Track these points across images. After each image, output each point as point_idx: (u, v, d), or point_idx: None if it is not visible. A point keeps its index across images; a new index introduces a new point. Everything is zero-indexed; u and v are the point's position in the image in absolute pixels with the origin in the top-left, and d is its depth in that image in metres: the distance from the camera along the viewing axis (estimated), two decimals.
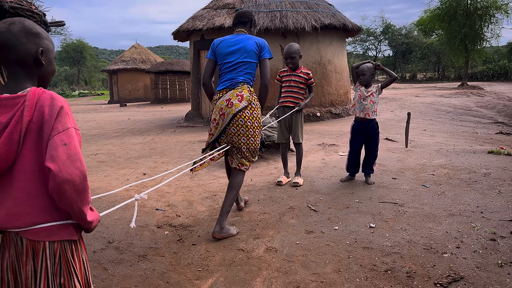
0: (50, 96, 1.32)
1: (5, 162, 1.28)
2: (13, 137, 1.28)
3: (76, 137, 1.33)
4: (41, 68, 1.42)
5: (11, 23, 1.36)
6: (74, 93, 43.36)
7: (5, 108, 1.30)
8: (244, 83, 3.28)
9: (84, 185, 1.30)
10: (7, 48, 1.35)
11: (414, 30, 39.69)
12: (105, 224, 3.69)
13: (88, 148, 8.18)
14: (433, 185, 4.34)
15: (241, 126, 3.21)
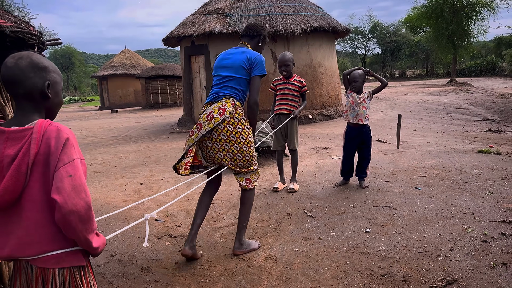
0: (57, 128, 1.36)
1: (13, 194, 1.33)
2: (20, 169, 1.32)
3: (82, 167, 1.37)
4: (48, 101, 1.47)
5: (19, 58, 1.40)
6: (64, 100, 43.04)
7: (13, 140, 1.35)
8: (229, 97, 3.10)
9: (89, 215, 1.35)
10: (15, 83, 1.40)
11: (402, 27, 40.08)
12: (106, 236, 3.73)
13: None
14: (426, 187, 4.45)
15: (224, 141, 3.00)
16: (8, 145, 1.34)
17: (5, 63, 1.40)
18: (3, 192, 1.31)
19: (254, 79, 3.12)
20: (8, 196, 1.32)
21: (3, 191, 1.31)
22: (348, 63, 55.41)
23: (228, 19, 10.56)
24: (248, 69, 3.11)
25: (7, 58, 1.41)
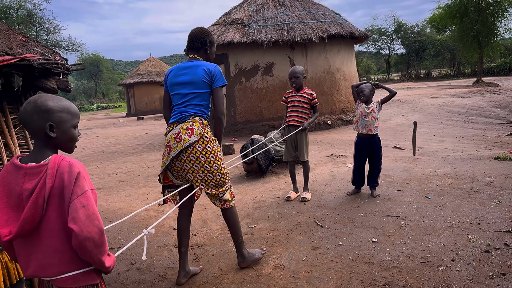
0: (69, 163, 1.53)
1: (32, 224, 1.50)
2: (38, 202, 1.49)
3: (93, 196, 1.55)
4: (54, 139, 1.61)
5: (27, 103, 1.59)
6: (92, 107, 44.41)
7: (31, 176, 1.53)
8: (196, 116, 3.01)
9: (102, 240, 1.53)
10: (24, 125, 1.61)
11: (426, 27, 39.42)
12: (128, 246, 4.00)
13: (109, 166, 8.58)
14: (436, 196, 4.53)
15: (194, 162, 2.93)
16: (26, 180, 1.52)
17: (21, 107, 1.63)
18: (23, 222, 1.48)
19: (217, 90, 3.06)
20: (28, 226, 1.50)
21: (23, 222, 1.48)
22: (373, 64, 54.90)
23: (247, 28, 10.80)
24: (209, 81, 3.04)
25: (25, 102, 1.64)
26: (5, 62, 2.50)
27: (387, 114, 12.89)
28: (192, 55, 3.17)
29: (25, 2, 29.17)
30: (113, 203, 5.57)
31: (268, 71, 10.97)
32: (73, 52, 33.46)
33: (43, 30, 31.20)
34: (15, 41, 2.99)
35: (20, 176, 1.54)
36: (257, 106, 11.12)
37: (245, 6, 11.90)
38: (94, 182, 7.08)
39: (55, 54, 3.23)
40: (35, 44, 3.20)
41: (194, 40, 3.15)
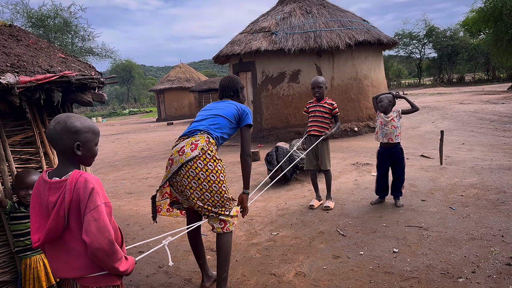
0: (85, 179, 1.69)
1: (56, 232, 1.70)
2: (59, 213, 1.68)
3: (106, 210, 1.70)
4: (80, 157, 1.80)
5: (57, 123, 1.75)
6: (124, 112, 45.65)
7: (54, 190, 1.72)
8: (204, 132, 2.97)
9: (113, 249, 1.68)
10: (53, 143, 1.77)
11: (459, 31, 38.49)
12: (156, 250, 4.18)
13: (140, 171, 8.88)
14: (460, 207, 4.50)
15: (193, 178, 2.82)
16: (51, 193, 1.72)
17: (49, 125, 1.79)
18: (48, 231, 1.68)
19: (244, 129, 3.10)
20: (52, 234, 1.70)
21: (48, 230, 1.68)
22: (403, 68, 53.95)
23: (274, 36, 10.94)
24: (237, 117, 3.10)
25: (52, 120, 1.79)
26: (46, 80, 2.72)
27: (416, 121, 12.73)
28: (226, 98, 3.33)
29: (62, 11, 30.44)
30: (143, 208, 5.80)
31: (295, 78, 11.07)
32: (107, 58, 34.61)
33: (78, 38, 32.43)
34: (55, 58, 3.22)
35: (46, 189, 1.73)
36: (283, 112, 11.22)
37: (273, 15, 12.06)
38: (126, 186, 7.37)
39: (91, 68, 3.46)
40: (73, 60, 3.43)
41: (226, 89, 3.32)
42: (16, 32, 3.32)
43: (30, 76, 2.66)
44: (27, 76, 2.62)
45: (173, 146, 3.03)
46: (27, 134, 3.14)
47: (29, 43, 3.22)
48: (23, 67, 2.70)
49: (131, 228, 4.88)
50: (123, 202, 6.24)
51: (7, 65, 2.62)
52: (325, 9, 11.88)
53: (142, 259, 3.94)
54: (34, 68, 2.77)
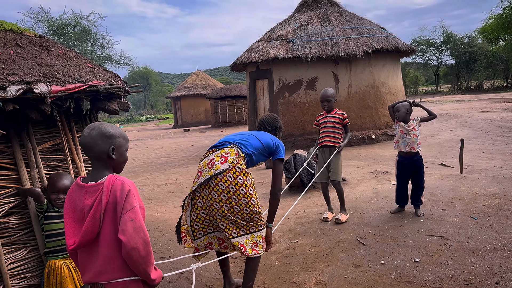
0: (121, 182, 1.75)
1: (92, 234, 1.74)
2: (96, 215, 1.72)
3: (141, 212, 1.75)
4: (114, 161, 1.87)
5: (92, 129, 1.83)
6: (141, 118, 46.21)
7: (90, 193, 1.77)
8: (234, 146, 2.98)
9: (147, 250, 1.71)
10: (88, 148, 1.83)
11: (477, 37, 37.99)
12: (177, 256, 4.24)
13: (158, 177, 8.99)
14: (482, 216, 4.45)
15: (222, 191, 2.80)
16: (87, 197, 1.77)
17: (83, 132, 1.84)
18: (84, 233, 1.72)
19: (277, 163, 3.10)
20: (88, 236, 1.74)
21: (84, 233, 1.72)
22: (420, 75, 53.41)
23: (291, 44, 11.00)
24: (271, 147, 3.11)
25: (85, 128, 1.87)
26: (77, 89, 2.81)
27: (434, 129, 12.60)
28: None
29: (82, 19, 31.13)
30: (162, 214, 5.87)
31: (312, 86, 11.09)
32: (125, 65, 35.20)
33: (97, 45, 33.10)
34: (83, 68, 3.33)
35: (82, 193, 1.79)
36: (299, 120, 11.24)
37: (290, 23, 12.13)
38: (145, 192, 7.48)
39: (116, 78, 3.55)
40: (100, 70, 3.54)
41: (265, 124, 3.39)
42: (46, 42, 3.44)
43: (61, 85, 2.75)
44: (58, 86, 2.72)
45: (201, 158, 3.04)
46: (56, 142, 3.24)
47: (59, 54, 3.33)
48: (55, 77, 2.80)
49: (152, 234, 4.95)
50: None
51: (40, 75, 2.72)
52: (342, 17, 11.90)
53: (164, 264, 4.02)
54: (64, 78, 2.86)
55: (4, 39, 3.00)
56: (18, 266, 2.87)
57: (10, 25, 3.32)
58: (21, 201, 2.91)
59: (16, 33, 3.25)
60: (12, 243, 2.86)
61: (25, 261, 2.91)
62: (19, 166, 2.88)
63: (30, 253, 2.93)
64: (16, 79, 2.49)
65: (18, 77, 2.52)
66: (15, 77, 2.50)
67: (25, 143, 2.95)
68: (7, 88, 2.38)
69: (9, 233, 2.85)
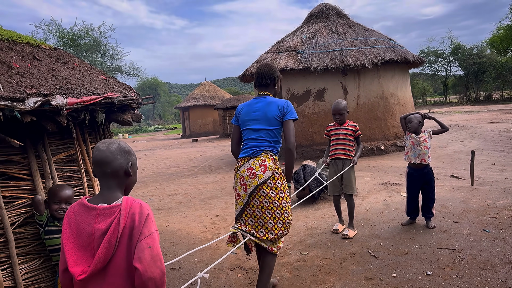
0: (140, 205, 1.63)
1: (104, 262, 1.56)
2: (111, 241, 1.55)
3: (157, 238, 1.61)
4: (129, 178, 1.76)
5: (110, 143, 1.74)
6: (150, 128, 46.52)
7: (104, 216, 1.60)
8: (267, 151, 3.12)
9: (163, 281, 1.56)
10: (106, 163, 1.70)
11: (486, 48, 37.91)
12: (187, 267, 4.25)
13: (167, 188, 9.03)
14: (494, 229, 4.41)
15: (264, 197, 2.99)
16: (99, 220, 1.59)
17: (98, 147, 1.72)
18: (96, 262, 1.54)
19: (288, 122, 3.11)
20: (100, 265, 1.55)
21: (97, 261, 1.54)
22: (429, 86, 53.27)
23: (300, 55, 11.07)
24: (280, 118, 3.15)
25: (98, 143, 1.77)
26: (92, 101, 2.86)
27: (444, 140, 12.53)
28: (262, 92, 3.34)
29: (92, 31, 31.63)
30: (172, 224, 5.89)
31: (320, 97, 11.12)
32: (134, 76, 35.59)
33: (107, 57, 33.56)
34: (98, 80, 3.39)
35: (92, 216, 1.61)
36: (308, 130, 11.26)
37: (298, 34, 12.21)
38: (154, 203, 7.51)
39: (130, 90, 3.61)
40: (113, 82, 3.60)
41: (263, 77, 3.31)
42: (61, 55, 3.51)
43: (77, 97, 2.80)
44: (74, 98, 2.77)
45: (237, 167, 3.15)
46: (70, 153, 3.29)
47: (74, 66, 3.40)
48: (71, 89, 2.85)
49: (162, 245, 4.96)
50: None
51: (57, 87, 2.77)
52: (350, 28, 11.96)
53: (174, 275, 4.03)
54: (80, 90, 2.92)
55: (22, 52, 3.07)
56: (32, 276, 2.90)
57: (27, 38, 3.40)
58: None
59: (33, 46, 3.33)
60: (26, 253, 2.89)
61: (39, 271, 2.94)
62: (34, 177, 2.93)
63: (44, 263, 2.96)
64: (34, 91, 2.54)
65: (35, 90, 2.57)
66: (33, 90, 2.56)
67: (41, 154, 2.99)
68: (25, 100, 2.43)
69: (24, 243, 2.88)
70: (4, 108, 2.32)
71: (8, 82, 2.52)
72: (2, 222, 2.73)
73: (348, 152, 4.74)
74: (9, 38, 3.14)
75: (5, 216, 2.73)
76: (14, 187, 2.85)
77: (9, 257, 2.76)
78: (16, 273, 2.76)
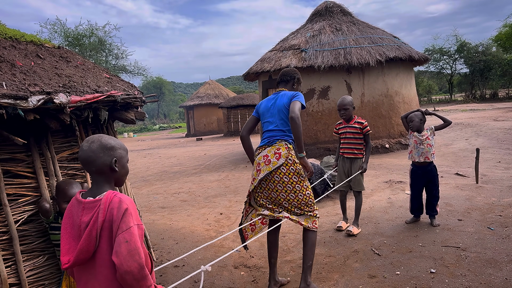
0: (119, 199, 1.64)
1: (87, 253, 1.62)
2: (92, 233, 1.60)
3: (138, 232, 1.62)
4: (116, 173, 1.78)
5: (91, 142, 1.73)
6: (155, 127, 46.64)
7: (88, 210, 1.66)
8: (282, 141, 3.34)
9: (142, 274, 1.58)
10: (89, 163, 1.72)
11: (492, 46, 37.64)
12: (191, 264, 4.26)
13: (172, 186, 9.05)
14: (499, 227, 4.38)
15: (278, 182, 3.25)
16: (84, 213, 1.66)
17: (82, 146, 1.75)
18: (78, 252, 1.61)
19: (293, 102, 3.26)
20: (83, 255, 1.62)
21: (79, 251, 1.61)
22: (434, 84, 53.01)
23: (304, 54, 11.04)
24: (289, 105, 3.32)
25: (83, 142, 1.79)
26: (95, 99, 2.87)
27: (449, 138, 12.47)
28: (281, 88, 3.61)
29: (97, 30, 31.73)
30: (176, 222, 5.90)
31: (324, 95, 11.10)
32: (139, 76, 35.67)
33: (112, 56, 33.66)
34: (101, 78, 3.40)
35: (80, 209, 1.68)
36: (312, 129, 11.24)
37: (302, 32, 12.19)
38: (159, 201, 7.53)
39: (133, 88, 3.62)
40: (117, 80, 3.61)
41: (285, 74, 3.63)
42: (65, 53, 3.53)
43: (80, 95, 2.82)
44: (77, 96, 2.78)
45: (255, 155, 3.45)
46: (74, 151, 3.30)
47: (77, 64, 3.41)
48: (74, 87, 2.86)
49: (166, 243, 4.98)
50: (157, 216, 6.37)
51: (60, 85, 2.79)
52: (355, 26, 11.92)
53: (178, 273, 4.04)
54: (83, 88, 2.93)
55: (25, 51, 3.08)
56: (36, 273, 2.91)
57: (31, 36, 3.41)
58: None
59: (36, 45, 3.34)
60: (30, 251, 2.91)
61: (43, 269, 2.96)
62: (38, 174, 2.95)
63: (48, 260, 2.98)
64: (37, 89, 2.55)
65: (39, 88, 2.58)
66: (36, 88, 2.57)
67: (44, 152, 3.01)
68: (28, 98, 2.44)
69: (28, 241, 2.90)
70: (7, 106, 2.34)
71: (12, 80, 2.54)
72: (6, 219, 2.75)
73: (356, 151, 4.73)
74: (12, 37, 3.16)
75: (9, 214, 2.75)
76: (18, 185, 2.87)
77: (13, 254, 2.78)
78: (20, 270, 2.78)
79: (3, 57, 2.79)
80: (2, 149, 2.79)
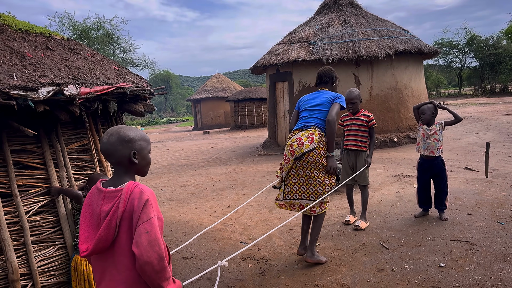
0: (140, 190, 1.64)
1: (106, 242, 1.62)
2: (111, 223, 1.60)
3: (158, 223, 1.62)
4: (136, 165, 1.77)
5: (110, 135, 1.73)
6: (162, 120, 46.76)
7: (108, 199, 1.66)
8: (316, 127, 3.68)
9: (162, 265, 1.58)
10: (108, 155, 1.74)
11: (502, 39, 37.10)
12: (199, 256, 4.28)
13: (179, 179, 9.08)
14: (509, 222, 4.34)
15: (310, 163, 3.61)
16: (104, 202, 1.66)
17: (102, 139, 1.76)
18: (97, 241, 1.61)
19: (334, 104, 3.71)
20: (102, 244, 1.62)
21: (98, 240, 1.61)
22: (443, 77, 52.44)
23: (312, 47, 10.97)
24: (331, 103, 3.75)
25: (104, 134, 1.81)
26: (104, 91, 2.88)
27: (458, 132, 12.36)
28: (321, 88, 3.99)
29: (105, 23, 31.78)
30: (184, 215, 5.93)
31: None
32: (146, 69, 35.73)
33: (120, 49, 33.72)
34: (110, 70, 3.40)
35: (100, 198, 1.68)
36: None
37: (311, 25, 12.10)
38: (167, 194, 7.56)
39: (142, 80, 3.62)
40: (126, 72, 3.61)
41: (323, 76, 4.00)
42: (74, 45, 3.53)
43: (90, 87, 2.82)
44: (87, 88, 2.78)
45: (289, 137, 3.80)
46: (83, 142, 3.32)
47: (86, 56, 3.41)
48: (83, 79, 2.87)
49: (174, 235, 5.00)
50: (165, 208, 6.40)
51: (69, 77, 2.79)
52: (364, 18, 11.81)
53: (186, 265, 4.07)
54: (93, 80, 2.93)
55: (35, 42, 3.09)
56: (46, 263, 2.95)
57: (40, 29, 3.42)
58: (49, 200, 2.98)
59: (46, 37, 3.35)
60: (41, 241, 2.94)
61: (53, 259, 2.98)
62: (48, 166, 2.96)
63: (58, 251, 3.01)
64: (47, 81, 2.56)
65: (48, 79, 2.59)
66: (46, 79, 2.58)
67: (54, 144, 3.02)
68: (38, 89, 2.45)
69: (38, 231, 2.93)
70: (18, 97, 2.35)
71: (22, 71, 2.55)
72: (17, 210, 2.77)
73: (361, 144, 4.70)
74: (22, 29, 3.16)
75: (20, 204, 2.77)
76: (28, 176, 2.89)
77: (24, 245, 2.81)
78: (31, 260, 2.81)
79: (13, 48, 2.80)
80: (13, 140, 2.81)
